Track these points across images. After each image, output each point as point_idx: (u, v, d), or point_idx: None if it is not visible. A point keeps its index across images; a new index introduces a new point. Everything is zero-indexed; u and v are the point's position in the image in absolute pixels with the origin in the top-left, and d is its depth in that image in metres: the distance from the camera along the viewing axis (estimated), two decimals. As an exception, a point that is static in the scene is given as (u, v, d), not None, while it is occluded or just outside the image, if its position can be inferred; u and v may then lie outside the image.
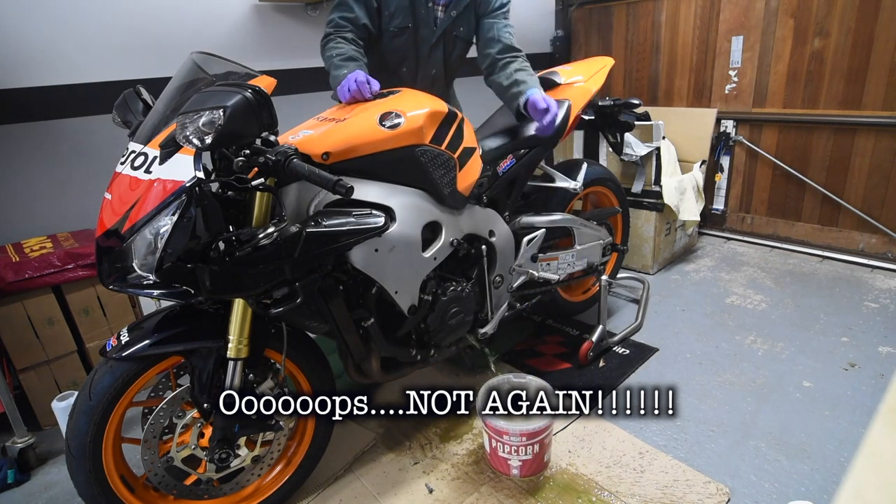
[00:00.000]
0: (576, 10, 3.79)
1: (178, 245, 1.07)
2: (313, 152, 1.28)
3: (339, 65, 1.63)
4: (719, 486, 1.49)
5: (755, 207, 3.24)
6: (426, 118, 1.44)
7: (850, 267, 2.80)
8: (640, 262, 2.90)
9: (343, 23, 1.74)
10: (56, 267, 1.87)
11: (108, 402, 1.21)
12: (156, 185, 1.09)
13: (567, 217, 1.99)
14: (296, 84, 2.69)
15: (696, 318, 2.39)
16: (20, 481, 1.72)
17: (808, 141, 2.93)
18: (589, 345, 2.09)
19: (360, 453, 1.70)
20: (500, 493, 1.52)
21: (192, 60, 1.27)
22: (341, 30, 1.74)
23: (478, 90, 3.65)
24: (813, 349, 2.11)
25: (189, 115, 1.06)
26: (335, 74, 1.62)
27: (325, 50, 1.73)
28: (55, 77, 2.08)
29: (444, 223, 1.52)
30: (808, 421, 1.73)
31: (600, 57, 2.24)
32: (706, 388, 1.92)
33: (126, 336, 1.23)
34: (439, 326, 1.60)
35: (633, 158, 2.75)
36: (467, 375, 2.07)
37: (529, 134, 1.86)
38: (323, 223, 1.23)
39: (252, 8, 2.52)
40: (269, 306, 1.27)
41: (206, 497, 1.41)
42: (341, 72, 1.59)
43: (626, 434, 1.71)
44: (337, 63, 1.64)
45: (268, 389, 1.37)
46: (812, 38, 2.79)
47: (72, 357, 2.00)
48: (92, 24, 2.12)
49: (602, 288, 2.17)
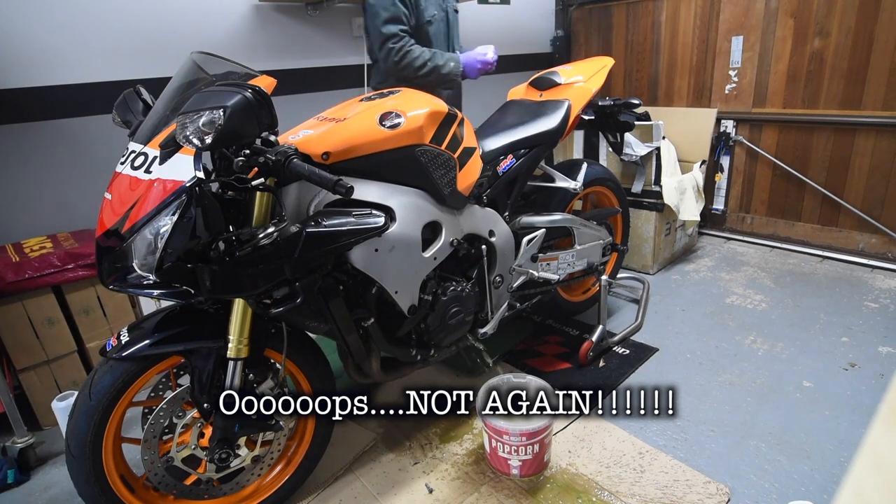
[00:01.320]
0: (576, 10, 3.79)
1: (178, 245, 1.08)
2: (313, 152, 1.28)
3: (442, 55, 2.07)
4: (719, 486, 1.49)
5: (755, 207, 3.24)
6: (426, 118, 1.44)
7: (850, 267, 2.80)
8: (640, 262, 2.90)
9: (403, 34, 2.01)
10: (56, 267, 1.87)
11: (108, 402, 1.21)
12: (156, 185, 1.09)
13: (567, 217, 1.99)
14: (296, 84, 2.70)
15: (696, 318, 2.40)
16: (20, 481, 1.72)
17: (808, 141, 2.93)
18: (589, 345, 2.09)
19: (360, 453, 1.70)
20: (500, 493, 1.53)
21: (192, 60, 1.27)
22: (406, 36, 2.01)
23: (478, 90, 3.65)
24: (813, 349, 2.11)
25: (189, 115, 1.06)
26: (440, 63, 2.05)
27: (408, 56, 2.01)
28: (55, 77, 2.08)
29: (444, 223, 1.52)
30: (808, 421, 1.73)
31: (600, 57, 2.24)
32: (706, 388, 1.92)
33: (126, 336, 1.23)
34: (439, 326, 1.60)
35: (633, 158, 2.75)
36: (467, 375, 2.07)
37: (530, 134, 1.86)
38: (323, 223, 1.23)
39: (252, 8, 2.52)
40: (269, 306, 1.27)
41: (206, 497, 1.41)
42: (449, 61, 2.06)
43: (626, 434, 1.71)
44: (438, 55, 2.06)
45: (268, 389, 1.37)
46: (812, 38, 2.79)
47: (72, 357, 2.00)
48: (92, 24, 2.12)
49: (602, 288, 2.18)
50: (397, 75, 2.05)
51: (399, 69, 2.02)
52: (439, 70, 2.04)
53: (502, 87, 3.09)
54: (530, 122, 1.90)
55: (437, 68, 2.03)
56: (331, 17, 2.79)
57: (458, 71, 2.09)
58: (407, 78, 2.03)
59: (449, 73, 2.07)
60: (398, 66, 2.01)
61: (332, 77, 2.85)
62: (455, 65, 2.08)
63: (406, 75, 2.03)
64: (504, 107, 2.11)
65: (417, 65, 2.01)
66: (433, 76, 2.05)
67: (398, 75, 2.05)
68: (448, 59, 2.06)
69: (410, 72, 2.02)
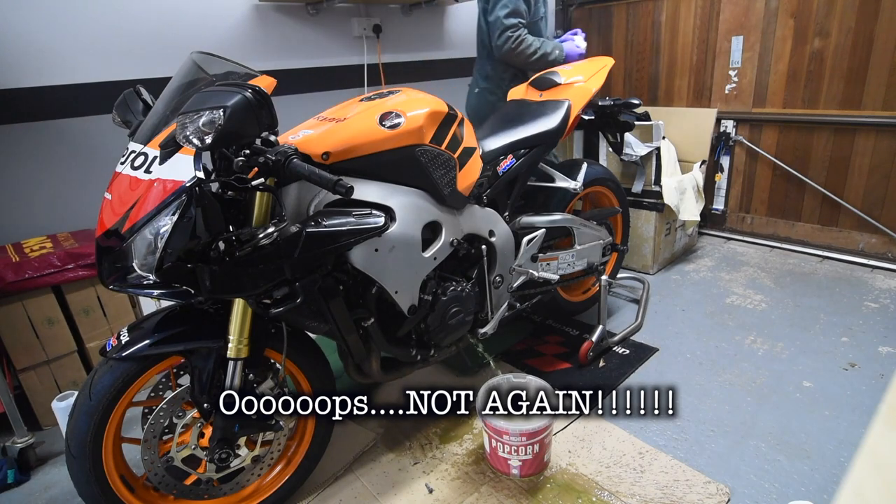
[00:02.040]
0: (576, 10, 3.79)
1: (178, 245, 1.07)
2: (313, 152, 1.28)
3: (548, 43, 2.39)
4: (719, 486, 1.49)
5: (755, 207, 3.24)
6: (426, 118, 1.44)
7: (850, 267, 2.80)
8: (640, 262, 2.90)
9: (521, 26, 2.31)
10: (56, 267, 1.87)
11: (108, 402, 1.21)
12: (156, 185, 1.09)
13: (567, 217, 1.99)
14: (296, 84, 2.70)
15: (696, 318, 2.40)
16: (20, 481, 1.72)
17: (808, 141, 2.93)
18: (589, 345, 2.09)
19: (360, 453, 1.70)
20: (500, 493, 1.53)
21: (192, 60, 1.27)
22: (522, 28, 2.31)
23: (478, 90, 3.62)
24: (813, 349, 2.11)
25: (189, 115, 1.06)
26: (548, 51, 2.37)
27: (523, 43, 2.30)
28: (55, 77, 2.08)
29: (444, 223, 1.52)
30: (808, 421, 1.73)
31: (600, 57, 2.24)
32: (706, 388, 1.92)
33: (126, 336, 1.23)
34: (439, 326, 1.60)
35: (633, 158, 2.75)
36: (467, 375, 2.07)
37: (530, 134, 1.86)
38: (323, 223, 1.23)
39: (252, 8, 2.52)
40: (269, 306, 1.27)
41: (206, 497, 1.41)
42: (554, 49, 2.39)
43: (626, 434, 1.71)
44: (546, 44, 2.37)
45: (268, 389, 1.37)
46: (812, 38, 2.79)
47: (72, 357, 2.00)
48: (92, 24, 2.12)
49: (602, 288, 2.18)
50: (510, 60, 2.38)
51: (514, 55, 2.32)
52: (546, 57, 2.35)
53: (502, 87, 3.05)
54: (530, 122, 1.90)
55: (545, 55, 2.35)
56: (331, 17, 2.79)
57: (561, 58, 2.41)
58: (518, 64, 2.40)
59: (554, 60, 2.38)
60: (514, 52, 2.31)
61: (332, 77, 2.85)
62: (559, 53, 2.41)
63: (518, 61, 2.37)
64: (504, 107, 2.11)
65: (529, 52, 2.31)
66: (540, 62, 2.36)
67: (511, 60, 2.38)
68: (553, 47, 2.39)
69: (523, 58, 2.33)
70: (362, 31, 2.89)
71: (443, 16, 3.26)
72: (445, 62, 3.33)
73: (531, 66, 2.39)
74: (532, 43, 2.32)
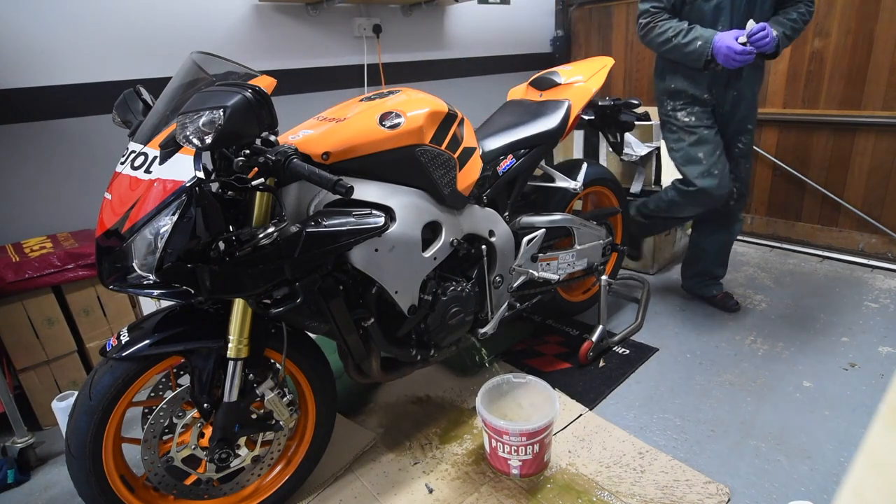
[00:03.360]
0: (576, 10, 3.79)
1: (178, 245, 1.08)
2: (313, 152, 1.28)
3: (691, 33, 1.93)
4: (719, 486, 1.49)
5: (755, 207, 3.24)
6: (426, 118, 1.44)
7: (850, 267, 2.80)
8: (640, 262, 2.90)
9: (656, 10, 2.02)
10: (56, 267, 1.87)
11: (108, 402, 1.21)
12: (156, 185, 1.09)
13: (567, 217, 1.99)
14: (296, 84, 2.70)
15: (696, 318, 2.40)
16: (20, 481, 1.72)
17: (808, 141, 2.93)
18: (589, 345, 2.09)
19: (360, 453, 1.70)
20: (500, 493, 1.53)
21: (192, 60, 1.27)
22: (657, 13, 2.02)
23: (478, 90, 3.65)
24: (813, 349, 2.11)
25: (189, 115, 1.06)
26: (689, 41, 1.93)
27: (651, 31, 2.02)
28: (55, 77, 2.08)
29: (444, 223, 1.52)
30: (808, 421, 1.73)
31: (600, 57, 2.23)
32: (706, 388, 1.92)
33: (126, 336, 1.23)
34: (439, 326, 1.60)
35: (633, 158, 2.75)
36: (467, 375, 2.07)
37: (530, 134, 1.87)
38: (323, 223, 1.23)
39: (252, 8, 2.52)
40: (269, 306, 1.27)
41: (206, 497, 1.41)
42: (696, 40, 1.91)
43: (626, 434, 1.71)
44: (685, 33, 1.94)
45: (268, 389, 1.37)
46: (812, 38, 2.79)
47: (72, 357, 2.00)
48: (92, 24, 2.12)
49: (602, 288, 2.18)
50: (651, 49, 2.12)
51: (646, 43, 2.08)
52: (682, 49, 1.96)
53: (502, 87, 3.09)
54: (530, 122, 1.90)
55: (678, 46, 1.96)
56: (331, 17, 2.79)
57: (702, 51, 1.91)
58: (657, 52, 2.12)
59: (692, 52, 1.94)
60: (644, 39, 2.08)
61: (332, 77, 2.85)
62: (702, 45, 1.91)
63: (653, 49, 2.11)
64: (504, 107, 2.11)
65: (660, 41, 2.01)
66: (676, 54, 2.00)
67: (652, 49, 2.11)
68: (696, 37, 1.92)
69: (654, 47, 2.07)
70: (362, 31, 2.89)
71: (443, 16, 3.26)
72: (445, 62, 3.33)
73: (668, 56, 2.07)
74: (664, 31, 1.98)
